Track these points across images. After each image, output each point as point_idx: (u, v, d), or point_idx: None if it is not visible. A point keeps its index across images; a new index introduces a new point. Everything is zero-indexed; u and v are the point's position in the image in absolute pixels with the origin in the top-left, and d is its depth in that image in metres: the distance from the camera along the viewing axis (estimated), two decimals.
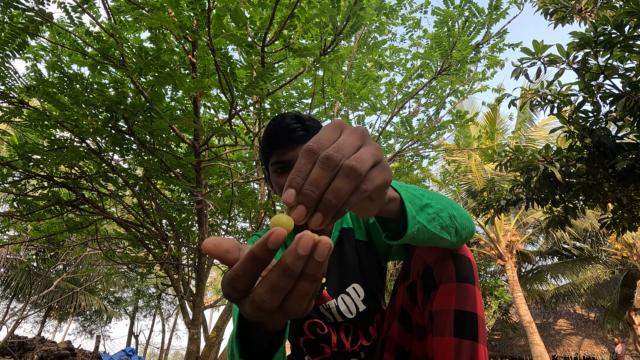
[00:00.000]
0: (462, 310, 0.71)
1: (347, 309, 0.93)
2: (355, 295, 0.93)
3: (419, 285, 0.78)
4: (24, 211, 2.52)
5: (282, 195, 0.34)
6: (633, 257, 10.69)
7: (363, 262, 0.95)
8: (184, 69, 2.24)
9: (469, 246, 11.50)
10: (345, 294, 0.93)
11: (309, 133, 0.86)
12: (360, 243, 0.96)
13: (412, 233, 0.54)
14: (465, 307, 0.71)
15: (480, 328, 0.71)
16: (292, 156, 0.86)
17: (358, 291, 0.93)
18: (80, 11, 1.87)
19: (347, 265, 0.94)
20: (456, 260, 0.74)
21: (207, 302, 11.26)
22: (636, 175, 2.67)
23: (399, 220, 0.57)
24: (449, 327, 0.71)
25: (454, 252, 0.75)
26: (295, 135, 0.85)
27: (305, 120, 0.88)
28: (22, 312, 6.06)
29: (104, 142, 2.32)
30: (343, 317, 0.94)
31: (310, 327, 0.96)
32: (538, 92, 2.99)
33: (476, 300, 0.72)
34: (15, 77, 2.05)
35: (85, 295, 11.64)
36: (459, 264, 0.73)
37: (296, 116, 0.88)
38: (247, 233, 4.23)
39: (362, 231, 0.97)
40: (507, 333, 13.25)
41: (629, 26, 2.38)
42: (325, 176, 0.34)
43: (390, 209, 0.53)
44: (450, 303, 0.72)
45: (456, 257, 0.74)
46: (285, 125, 0.85)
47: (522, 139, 9.65)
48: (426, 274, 0.77)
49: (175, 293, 3.10)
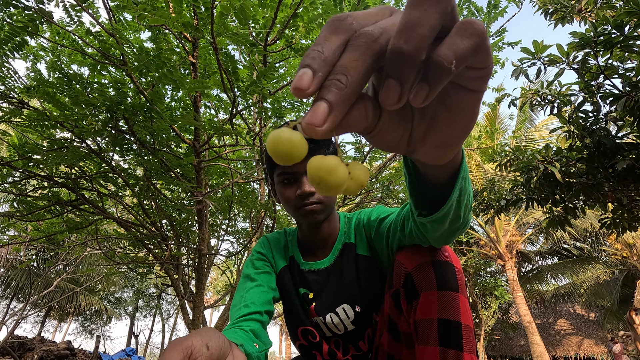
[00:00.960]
0: (446, 319, 0.69)
1: (335, 327, 0.93)
2: (344, 317, 0.91)
3: (402, 294, 0.76)
4: (24, 211, 2.51)
5: (294, 81, 0.24)
6: (633, 257, 10.69)
7: (362, 279, 0.91)
8: (184, 69, 2.24)
9: (469, 246, 11.51)
10: (334, 313, 0.92)
11: (317, 145, 0.86)
12: (362, 258, 0.93)
13: (452, 202, 0.48)
14: (448, 316, 0.69)
15: (466, 336, 0.69)
16: (299, 168, 0.87)
17: (348, 313, 0.91)
18: (80, 10, 1.86)
19: (342, 286, 0.92)
20: (437, 267, 0.71)
21: (207, 302, 11.26)
22: (636, 175, 2.67)
23: (438, 190, 0.48)
24: (433, 336, 0.69)
25: (434, 258, 0.72)
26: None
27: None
28: (22, 312, 6.06)
29: (104, 142, 2.32)
30: (332, 333, 0.94)
31: (303, 333, 0.97)
32: (538, 92, 3.00)
33: (460, 308, 0.69)
34: (15, 77, 2.05)
35: (85, 295, 11.64)
36: (439, 271, 0.71)
37: None
38: (247, 233, 4.23)
39: (365, 245, 0.93)
40: (507, 333, 13.25)
41: (629, 26, 2.38)
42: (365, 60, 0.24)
43: (455, 162, 0.43)
44: (433, 312, 0.70)
45: (437, 264, 0.71)
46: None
47: (522, 139, 9.65)
48: (407, 282, 0.74)
49: (175, 293, 3.10)
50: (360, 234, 0.95)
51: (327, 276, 0.94)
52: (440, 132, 0.30)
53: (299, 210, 0.88)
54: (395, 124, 0.30)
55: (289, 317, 0.99)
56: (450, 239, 0.63)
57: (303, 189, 0.86)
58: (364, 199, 4.19)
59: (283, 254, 1.01)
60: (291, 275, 0.98)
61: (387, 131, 0.30)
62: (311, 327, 0.96)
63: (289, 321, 1.00)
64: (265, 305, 0.87)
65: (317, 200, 0.87)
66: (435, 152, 0.33)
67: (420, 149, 0.32)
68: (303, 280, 0.97)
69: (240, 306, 0.86)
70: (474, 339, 0.71)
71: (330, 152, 0.92)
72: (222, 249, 5.07)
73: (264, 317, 0.86)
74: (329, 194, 0.27)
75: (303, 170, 0.87)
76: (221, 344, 0.49)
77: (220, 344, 0.49)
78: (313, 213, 0.88)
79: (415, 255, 0.74)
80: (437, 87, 0.24)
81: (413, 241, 0.72)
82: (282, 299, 0.99)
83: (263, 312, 0.86)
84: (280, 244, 1.02)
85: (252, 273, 0.94)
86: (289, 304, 0.98)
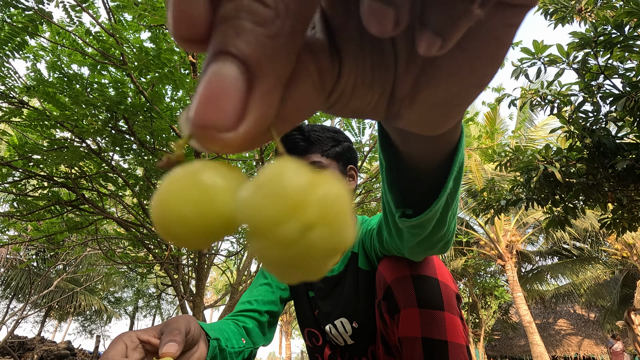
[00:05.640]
0: (430, 338, 0.64)
1: (335, 338, 0.92)
2: (342, 330, 0.89)
3: (384, 307, 0.71)
4: (24, 211, 2.51)
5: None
6: (633, 257, 10.69)
7: (361, 295, 0.86)
8: (184, 69, 2.24)
9: (469, 246, 11.51)
10: (332, 325, 0.91)
11: (312, 144, 0.85)
12: (363, 272, 0.87)
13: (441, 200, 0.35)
14: (432, 335, 0.64)
15: (453, 356, 0.64)
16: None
17: (345, 326, 0.88)
18: (80, 10, 1.86)
19: (342, 297, 0.88)
20: (417, 282, 0.66)
21: (207, 302, 11.26)
22: (636, 175, 2.67)
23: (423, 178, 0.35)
24: (417, 355, 0.65)
25: (414, 272, 0.66)
26: (297, 146, 0.84)
27: (310, 131, 0.85)
28: (22, 312, 6.06)
29: (104, 142, 2.32)
30: (336, 343, 0.94)
31: (308, 334, 0.97)
32: (538, 92, 2.99)
33: (446, 327, 0.64)
34: (15, 77, 2.05)
35: (85, 295, 11.64)
36: (420, 287, 0.65)
37: (299, 128, 0.85)
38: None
39: (364, 258, 0.89)
40: (507, 333, 13.25)
41: (629, 26, 2.38)
42: None
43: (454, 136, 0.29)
44: (416, 330, 0.65)
45: (417, 279, 0.66)
46: (287, 135, 0.83)
47: (522, 139, 9.65)
48: (387, 295, 0.69)
49: (175, 293, 3.10)
50: (364, 245, 0.91)
51: (332, 285, 0.91)
52: (443, 81, 0.18)
53: None
54: (367, 77, 0.18)
55: (298, 316, 1.00)
56: (429, 252, 0.53)
57: None
58: (364, 199, 4.18)
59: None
60: None
61: (355, 92, 0.18)
62: (317, 330, 0.95)
63: (299, 321, 1.01)
64: (267, 305, 0.88)
65: None
66: (430, 116, 0.21)
67: (407, 111, 0.20)
68: (312, 283, 0.97)
69: (245, 301, 0.88)
70: (467, 356, 0.66)
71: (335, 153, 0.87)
72: (222, 249, 5.07)
73: (263, 317, 0.87)
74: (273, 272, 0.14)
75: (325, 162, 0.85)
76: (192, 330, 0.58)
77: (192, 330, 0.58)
78: None
79: (395, 266, 0.69)
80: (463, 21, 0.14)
81: (391, 252, 0.66)
82: (292, 298, 0.99)
83: (263, 312, 0.87)
84: None
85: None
86: (299, 305, 0.99)
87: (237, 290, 3.67)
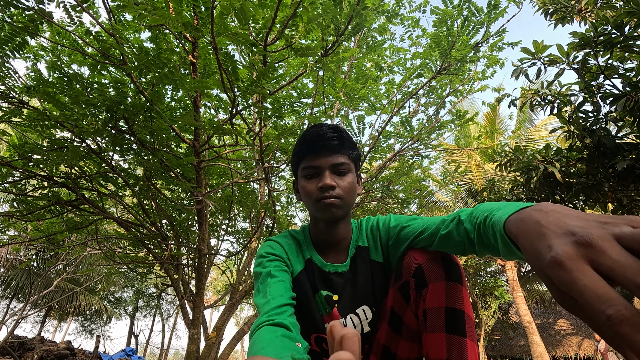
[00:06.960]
0: (452, 308, 0.76)
1: (355, 327, 0.92)
2: (363, 317, 0.93)
3: (412, 284, 0.82)
4: (24, 211, 2.52)
5: None
6: None
7: (376, 283, 0.94)
8: (184, 69, 2.24)
9: None
10: (354, 314, 0.93)
11: (343, 144, 0.90)
12: (375, 264, 0.95)
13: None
14: (454, 305, 0.76)
15: (468, 325, 0.76)
16: (323, 163, 0.89)
17: (367, 313, 0.94)
18: (80, 10, 1.86)
19: (360, 286, 0.94)
20: (445, 262, 0.79)
21: (207, 302, 11.26)
22: (636, 175, 2.67)
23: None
24: (440, 323, 0.76)
25: (443, 255, 0.80)
26: (330, 143, 0.89)
27: (342, 132, 0.91)
28: (22, 312, 6.06)
29: (104, 142, 2.32)
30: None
31: (317, 340, 0.96)
32: (538, 92, 3.00)
33: (463, 300, 0.77)
34: (15, 77, 2.05)
35: (85, 295, 11.64)
36: (447, 265, 0.79)
37: (334, 127, 0.91)
38: (247, 233, 4.23)
39: (379, 252, 0.96)
40: (507, 333, 13.25)
41: (629, 26, 2.38)
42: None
43: None
44: (441, 300, 0.76)
45: (446, 259, 0.80)
46: (322, 133, 0.89)
47: (522, 139, 9.65)
48: (417, 273, 0.80)
49: (175, 293, 3.10)
50: (375, 239, 0.97)
51: (348, 278, 0.95)
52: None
53: (319, 202, 0.88)
54: None
55: (304, 322, 0.93)
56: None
57: (324, 182, 0.88)
58: (364, 199, 4.19)
59: (298, 257, 0.98)
60: (308, 279, 0.96)
61: None
62: (325, 334, 0.94)
63: (303, 326, 0.92)
64: (291, 300, 0.83)
65: (337, 195, 0.88)
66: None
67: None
68: (326, 282, 0.95)
69: (270, 298, 0.79)
70: (475, 329, 0.79)
71: (354, 156, 0.94)
72: (222, 249, 5.07)
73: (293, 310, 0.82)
74: None
75: (326, 166, 0.90)
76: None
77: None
78: (332, 207, 0.88)
79: (426, 251, 0.82)
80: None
81: (456, 251, 0.77)
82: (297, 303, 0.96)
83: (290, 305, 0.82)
84: (293, 247, 0.99)
85: (272, 270, 0.88)
86: (305, 309, 0.95)
87: (237, 290, 3.68)
